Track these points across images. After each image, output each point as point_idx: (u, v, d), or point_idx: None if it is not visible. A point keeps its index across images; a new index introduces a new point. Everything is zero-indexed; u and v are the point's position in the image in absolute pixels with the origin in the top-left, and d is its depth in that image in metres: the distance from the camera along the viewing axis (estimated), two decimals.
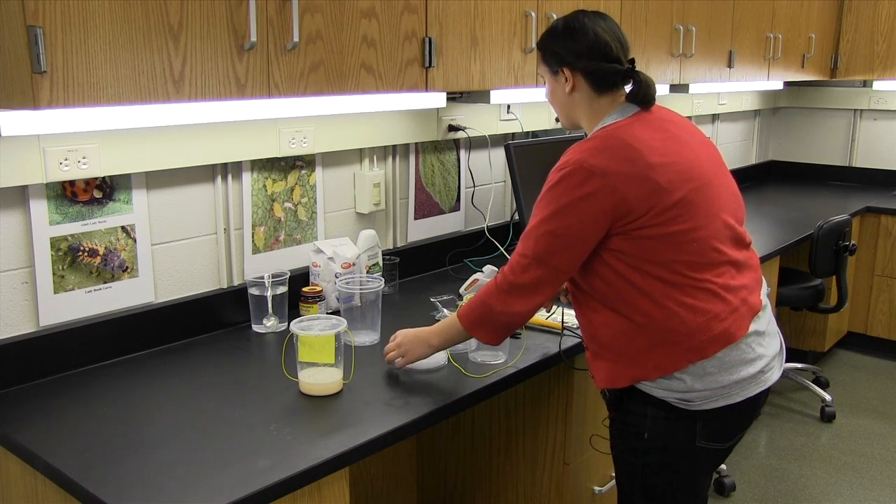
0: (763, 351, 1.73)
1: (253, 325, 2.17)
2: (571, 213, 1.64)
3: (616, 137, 1.67)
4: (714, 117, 4.48)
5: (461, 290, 2.43)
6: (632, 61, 1.77)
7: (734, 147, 4.77)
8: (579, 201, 1.63)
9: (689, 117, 3.97)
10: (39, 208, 1.81)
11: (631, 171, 1.62)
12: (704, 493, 1.89)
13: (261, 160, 2.23)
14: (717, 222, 1.69)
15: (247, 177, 2.20)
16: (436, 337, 1.84)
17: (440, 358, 1.92)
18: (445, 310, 2.27)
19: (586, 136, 1.76)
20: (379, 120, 2.50)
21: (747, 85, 3.89)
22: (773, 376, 1.77)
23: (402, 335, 1.88)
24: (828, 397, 3.77)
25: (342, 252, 2.29)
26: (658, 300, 1.65)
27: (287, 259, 2.35)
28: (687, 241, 1.64)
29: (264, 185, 2.25)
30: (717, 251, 1.67)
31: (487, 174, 3.02)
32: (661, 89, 3.19)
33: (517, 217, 2.81)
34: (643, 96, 1.74)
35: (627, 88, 1.77)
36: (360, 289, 2.08)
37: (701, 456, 1.77)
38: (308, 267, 2.32)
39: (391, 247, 2.69)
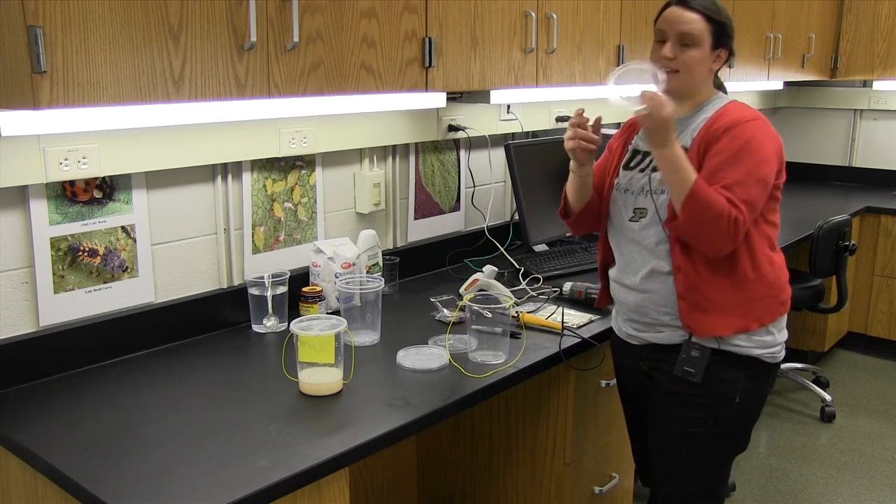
0: None
1: (253, 325, 2.17)
2: (773, 161, 1.81)
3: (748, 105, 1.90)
4: None
5: (461, 290, 2.43)
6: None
7: None
8: (774, 152, 1.82)
9: None
10: (39, 208, 1.81)
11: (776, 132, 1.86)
12: None
13: (261, 160, 2.23)
14: None
15: (247, 177, 2.20)
16: (677, 151, 1.75)
17: (440, 358, 1.92)
18: (445, 310, 2.27)
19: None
20: (379, 120, 2.50)
21: (747, 85, 3.89)
22: None
23: (669, 114, 1.75)
24: (828, 397, 3.77)
25: (342, 252, 2.29)
26: (767, 255, 1.87)
27: (287, 259, 2.35)
28: (779, 210, 1.93)
29: (264, 185, 2.25)
30: None
31: (487, 174, 3.02)
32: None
33: (517, 217, 2.82)
34: (722, 85, 1.99)
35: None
36: (360, 289, 2.08)
37: (759, 414, 1.98)
38: (308, 267, 2.32)
39: (391, 247, 2.69)
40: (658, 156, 1.79)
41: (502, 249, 2.88)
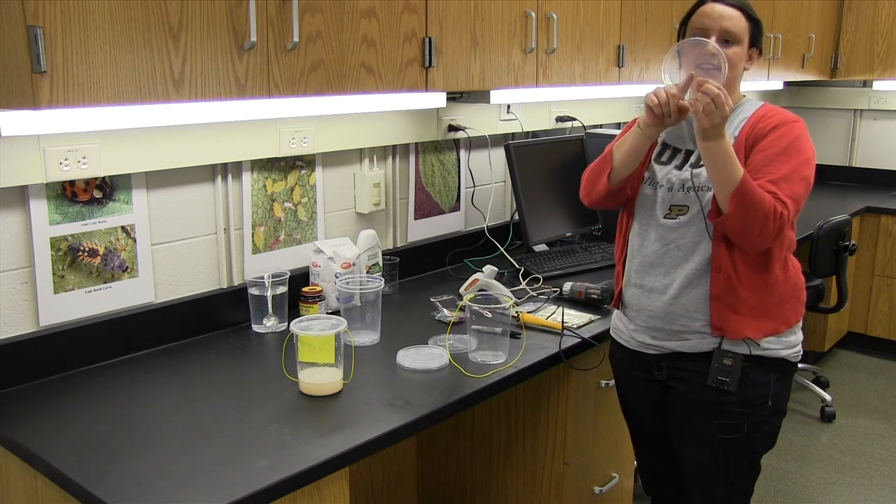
0: None
1: (253, 325, 2.17)
2: (814, 164, 1.81)
3: None
4: None
5: (461, 290, 2.43)
6: None
7: None
8: (813, 154, 1.82)
9: None
10: (39, 208, 1.81)
11: None
12: None
13: (261, 160, 2.23)
14: None
15: (247, 177, 2.20)
16: (727, 144, 1.69)
17: (440, 358, 1.92)
18: (445, 310, 2.27)
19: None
20: (379, 120, 2.50)
21: (747, 85, 3.89)
22: None
23: (724, 111, 1.66)
24: (828, 397, 3.77)
25: (342, 252, 2.29)
26: (792, 257, 1.89)
27: (287, 259, 2.35)
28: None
29: (264, 185, 2.25)
30: None
31: (487, 174, 3.02)
32: None
33: (517, 217, 2.82)
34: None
35: None
36: (360, 289, 2.08)
37: (786, 410, 1.97)
38: (308, 267, 2.32)
39: (391, 247, 2.69)
40: (707, 148, 1.69)
41: (502, 249, 2.88)
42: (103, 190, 1.91)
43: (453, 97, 2.55)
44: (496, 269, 2.59)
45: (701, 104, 1.65)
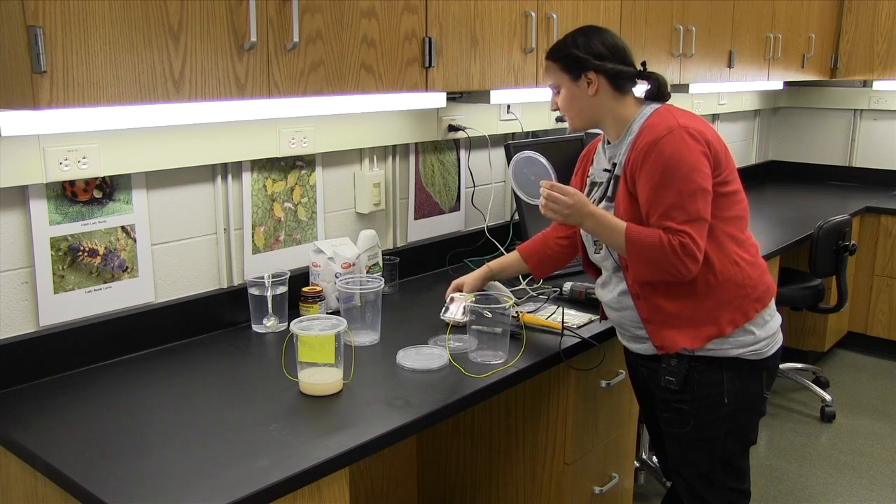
0: None
1: (253, 325, 2.17)
2: (703, 167, 1.76)
3: (679, 110, 1.84)
4: (714, 117, 4.48)
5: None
6: (643, 64, 1.93)
7: (734, 147, 4.77)
8: (701, 155, 1.76)
9: None
10: (39, 208, 1.81)
11: (710, 132, 1.82)
12: None
13: (261, 160, 2.23)
14: None
15: (247, 177, 2.20)
16: (595, 221, 1.83)
17: (440, 358, 1.92)
18: (452, 307, 2.27)
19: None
20: (379, 120, 2.50)
21: (747, 85, 3.89)
22: None
23: (577, 197, 1.83)
24: (828, 397, 3.77)
25: (342, 252, 2.29)
26: (730, 257, 1.83)
27: (287, 259, 2.35)
28: (739, 199, 1.86)
29: (264, 185, 2.26)
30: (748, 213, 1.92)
31: (487, 174, 3.02)
32: None
33: (517, 217, 2.81)
34: (662, 92, 1.93)
35: (637, 90, 1.93)
36: (360, 289, 2.08)
37: (762, 409, 1.96)
38: (308, 267, 2.32)
39: (391, 247, 2.69)
40: (584, 229, 1.91)
41: (502, 249, 2.88)
42: (103, 190, 1.91)
43: (453, 97, 2.55)
44: None
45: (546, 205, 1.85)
